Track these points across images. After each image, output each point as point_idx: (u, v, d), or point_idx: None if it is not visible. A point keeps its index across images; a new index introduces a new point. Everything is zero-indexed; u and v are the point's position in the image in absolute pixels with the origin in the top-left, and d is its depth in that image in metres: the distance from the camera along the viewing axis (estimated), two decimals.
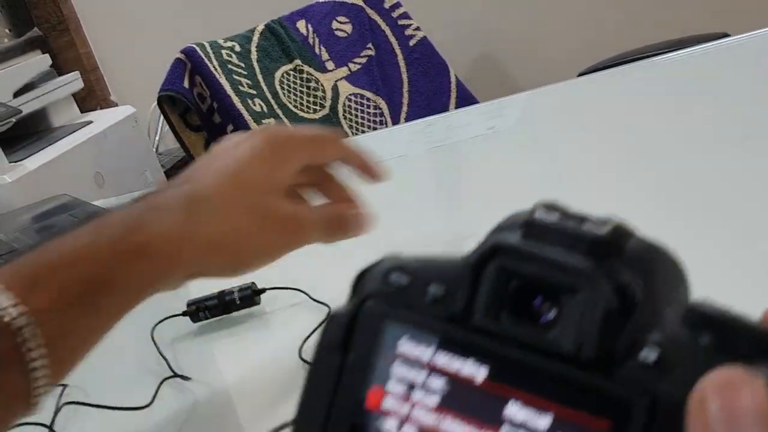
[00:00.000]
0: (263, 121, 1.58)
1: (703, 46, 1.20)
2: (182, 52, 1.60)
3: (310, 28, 1.72)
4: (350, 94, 1.71)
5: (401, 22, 1.79)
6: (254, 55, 1.64)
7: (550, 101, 1.18)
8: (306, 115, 1.66)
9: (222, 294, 0.78)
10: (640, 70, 1.23)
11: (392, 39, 1.77)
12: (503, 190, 0.91)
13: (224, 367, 0.74)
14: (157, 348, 0.74)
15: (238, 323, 0.77)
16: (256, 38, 1.67)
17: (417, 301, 0.25)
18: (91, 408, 0.67)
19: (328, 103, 1.68)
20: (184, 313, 0.77)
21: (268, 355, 0.70)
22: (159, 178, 2.01)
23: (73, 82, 2.19)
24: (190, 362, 0.73)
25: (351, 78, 1.73)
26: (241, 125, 1.56)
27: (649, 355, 0.22)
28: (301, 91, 1.67)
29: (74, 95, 2.23)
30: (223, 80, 1.57)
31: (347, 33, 1.75)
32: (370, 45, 1.76)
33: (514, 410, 0.23)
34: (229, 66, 1.60)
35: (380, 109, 1.73)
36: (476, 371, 0.23)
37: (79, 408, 0.67)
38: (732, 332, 0.22)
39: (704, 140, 0.89)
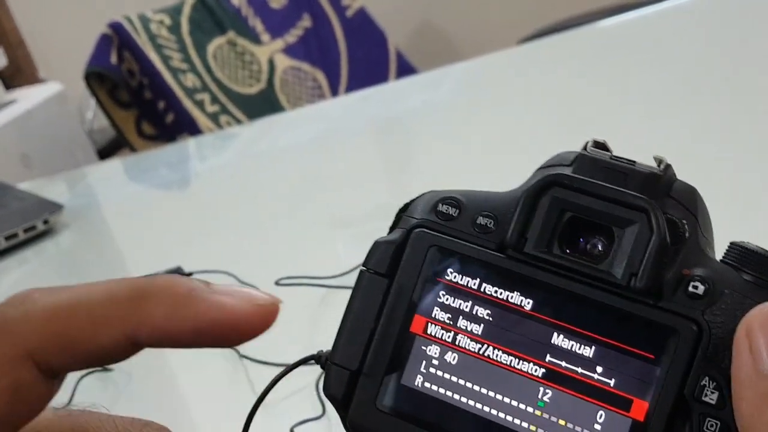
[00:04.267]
0: (196, 96, 1.53)
1: (642, 10, 1.19)
2: (109, 26, 1.53)
3: None
4: (287, 67, 1.67)
5: None
6: (185, 28, 1.58)
7: (490, 70, 1.16)
8: (241, 90, 1.61)
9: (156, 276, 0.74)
10: (581, 36, 1.22)
11: (329, 10, 1.73)
12: (444, 161, 0.90)
13: (152, 356, 0.71)
14: None
15: None
16: (186, 10, 1.61)
17: (466, 230, 0.25)
18: None
19: (264, 77, 1.64)
20: None
21: None
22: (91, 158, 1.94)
23: None
24: None
25: (288, 50, 1.69)
26: (172, 101, 1.50)
27: (696, 287, 0.23)
28: (236, 65, 1.62)
29: (0, 73, 2.13)
30: (152, 55, 1.51)
31: (282, 4, 1.70)
32: (306, 16, 1.71)
33: (560, 340, 0.24)
34: (159, 40, 1.54)
35: (318, 81, 1.69)
36: (523, 301, 0.24)
37: None
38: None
39: (647, 106, 0.89)
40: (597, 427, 0.23)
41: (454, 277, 0.25)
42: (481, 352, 0.24)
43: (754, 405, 0.20)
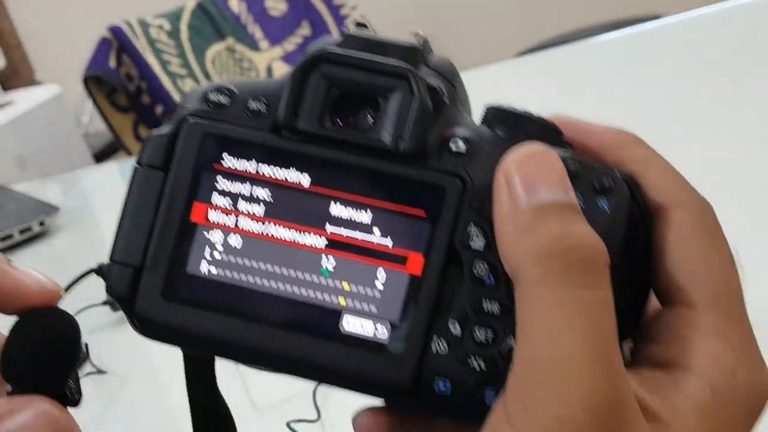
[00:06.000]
0: None
1: (636, 27, 1.20)
2: (109, 30, 1.54)
3: (243, 6, 1.67)
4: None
5: (337, 1, 1.75)
6: (184, 34, 1.59)
7: (486, 82, 1.17)
8: None
9: None
10: (576, 51, 1.23)
11: (328, 18, 1.73)
12: None
13: (146, 358, 0.71)
14: None
15: None
16: (186, 16, 1.61)
17: (238, 116, 0.25)
18: None
19: None
20: (104, 303, 0.74)
21: None
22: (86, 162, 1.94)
23: None
24: (109, 354, 0.70)
25: (286, 58, 1.69)
26: (170, 106, 1.50)
27: (457, 145, 0.25)
28: (235, 72, 1.63)
29: None
30: (151, 60, 1.51)
31: (281, 12, 1.70)
32: (305, 24, 1.72)
33: (337, 210, 0.25)
34: (158, 45, 1.54)
35: None
36: (299, 177, 0.25)
37: None
38: (523, 125, 0.25)
39: (641, 120, 0.89)
40: (378, 285, 0.24)
41: (230, 162, 0.25)
42: (263, 232, 0.25)
43: (515, 235, 0.22)
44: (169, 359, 0.66)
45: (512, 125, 0.25)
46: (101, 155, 2.04)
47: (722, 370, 0.22)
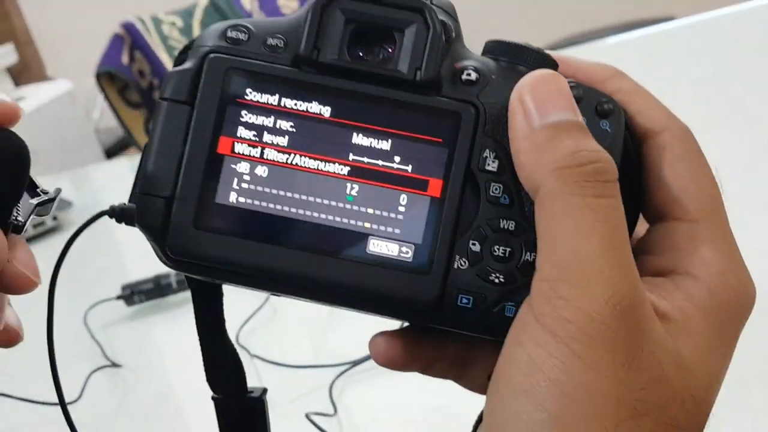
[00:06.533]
0: None
1: (649, 28, 1.20)
2: (121, 26, 1.54)
3: (255, 4, 1.67)
4: None
5: None
6: (197, 31, 1.59)
7: None
8: None
9: (158, 278, 0.75)
10: (588, 52, 1.23)
11: None
12: None
13: (159, 352, 0.72)
14: (90, 333, 0.71)
15: (175, 307, 0.75)
16: (198, 13, 1.62)
17: (257, 51, 0.26)
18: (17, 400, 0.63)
19: None
20: (118, 297, 0.75)
21: None
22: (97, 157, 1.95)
23: (7, 55, 2.10)
24: (123, 348, 0.70)
25: None
26: None
27: (470, 75, 0.26)
28: None
29: (9, 69, 2.14)
30: (164, 56, 1.52)
31: (293, 10, 1.71)
32: None
33: (359, 138, 0.26)
34: (170, 42, 1.55)
35: None
36: (322, 109, 0.26)
37: (3, 400, 0.64)
38: (523, 55, 0.27)
39: None
40: (401, 209, 0.26)
41: (254, 96, 0.26)
42: (288, 161, 0.26)
43: (532, 153, 0.24)
44: (182, 353, 0.66)
45: (514, 56, 0.27)
46: (112, 151, 2.04)
47: (716, 274, 0.25)
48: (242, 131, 0.26)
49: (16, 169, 0.25)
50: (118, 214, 0.27)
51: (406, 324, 0.30)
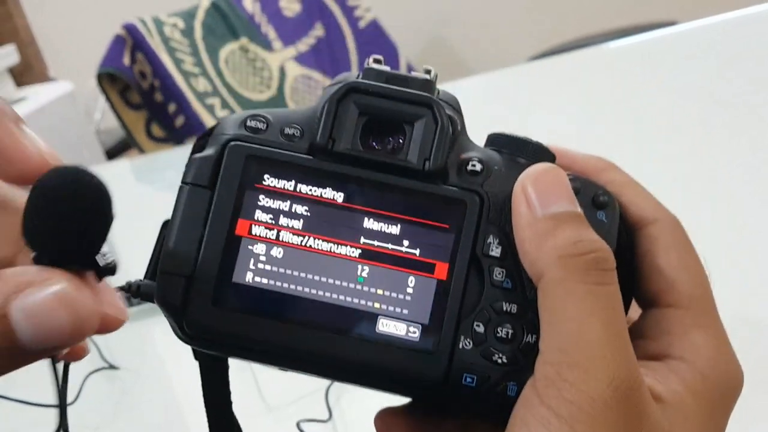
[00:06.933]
0: (207, 100, 1.54)
1: (650, 33, 1.20)
2: (123, 27, 1.54)
3: (257, 6, 1.67)
4: (298, 75, 1.68)
5: (351, 2, 1.75)
6: (198, 33, 1.59)
7: (499, 86, 1.17)
8: (252, 96, 1.62)
9: None
10: (589, 56, 1.23)
11: (342, 20, 1.74)
12: None
13: (157, 354, 0.71)
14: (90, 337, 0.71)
15: None
16: (200, 15, 1.62)
17: (276, 140, 0.28)
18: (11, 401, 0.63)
19: (275, 84, 1.65)
20: None
21: None
22: (98, 158, 1.94)
23: (9, 55, 2.10)
24: (121, 350, 0.70)
25: (299, 59, 1.69)
26: (183, 104, 1.51)
27: (475, 166, 0.28)
28: (248, 71, 1.63)
29: (11, 70, 2.14)
30: (165, 58, 1.52)
31: (295, 12, 1.71)
32: (318, 25, 1.72)
33: (370, 223, 0.27)
34: (172, 43, 1.55)
35: None
36: (335, 195, 0.28)
37: (0, 402, 0.64)
38: (524, 148, 0.29)
39: (652, 124, 0.89)
40: (409, 290, 0.27)
41: (271, 181, 0.28)
42: (303, 244, 0.27)
43: (535, 240, 0.25)
44: (179, 355, 0.66)
45: (515, 148, 0.29)
46: (113, 152, 2.04)
47: (707, 359, 0.26)
48: (259, 214, 0.27)
49: (102, 213, 0.23)
50: (135, 290, 0.28)
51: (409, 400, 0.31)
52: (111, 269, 0.24)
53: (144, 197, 1.17)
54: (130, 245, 1.02)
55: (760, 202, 0.68)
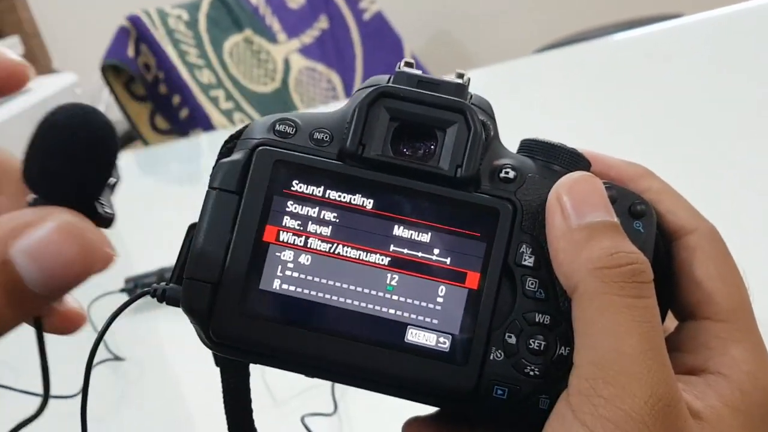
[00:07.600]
0: (211, 92, 1.54)
1: (656, 25, 1.19)
2: (127, 19, 1.54)
3: None
4: (302, 67, 1.67)
5: None
6: (202, 25, 1.59)
7: (505, 78, 1.17)
8: (256, 88, 1.61)
9: (162, 271, 0.75)
10: (595, 49, 1.22)
11: (346, 12, 1.73)
12: None
13: (162, 346, 0.72)
14: (93, 326, 0.71)
15: None
16: (204, 7, 1.61)
17: (305, 144, 0.27)
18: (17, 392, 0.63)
19: (279, 76, 1.64)
20: (121, 290, 0.74)
21: None
22: None
23: (13, 47, 2.10)
24: (127, 341, 0.70)
25: (303, 51, 1.69)
26: (187, 96, 1.51)
27: (508, 173, 0.27)
28: (252, 63, 1.63)
29: None
30: (169, 50, 1.51)
31: (300, 4, 1.70)
32: (323, 17, 1.72)
33: (400, 231, 0.27)
34: (176, 35, 1.54)
35: (333, 83, 1.70)
36: (365, 201, 0.27)
37: (5, 393, 0.64)
38: (558, 155, 0.28)
39: (658, 120, 0.89)
40: (439, 300, 0.27)
41: (300, 187, 0.27)
42: (331, 251, 0.27)
43: (570, 251, 0.25)
44: (184, 347, 0.66)
45: (549, 155, 0.28)
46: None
47: (747, 374, 0.26)
48: (287, 221, 0.27)
49: (105, 154, 0.22)
50: (160, 295, 0.28)
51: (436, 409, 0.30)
52: (108, 220, 0.23)
53: (148, 189, 1.17)
54: (134, 236, 1.02)
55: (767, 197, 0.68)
